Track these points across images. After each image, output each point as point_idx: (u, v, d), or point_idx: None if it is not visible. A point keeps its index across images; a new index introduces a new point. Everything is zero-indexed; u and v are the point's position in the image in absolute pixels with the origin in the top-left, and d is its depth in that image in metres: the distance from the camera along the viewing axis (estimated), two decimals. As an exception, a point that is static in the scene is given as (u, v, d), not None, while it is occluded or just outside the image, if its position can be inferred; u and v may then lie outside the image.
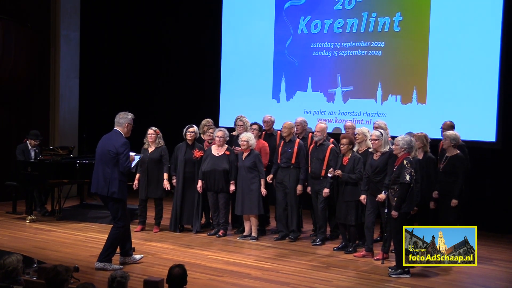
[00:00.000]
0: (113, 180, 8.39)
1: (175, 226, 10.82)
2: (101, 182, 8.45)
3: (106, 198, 8.50)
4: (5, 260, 5.99)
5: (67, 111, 14.52)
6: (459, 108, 11.48)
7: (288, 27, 13.36)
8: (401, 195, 8.42)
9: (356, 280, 8.32)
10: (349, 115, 12.55)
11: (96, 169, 8.61)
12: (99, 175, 8.49)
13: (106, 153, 8.43)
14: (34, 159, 11.86)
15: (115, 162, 8.38)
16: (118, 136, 8.50)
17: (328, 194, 9.89)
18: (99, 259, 8.48)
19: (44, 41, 14.31)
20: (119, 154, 8.35)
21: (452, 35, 11.66)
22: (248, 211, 10.31)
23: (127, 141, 8.50)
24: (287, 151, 10.26)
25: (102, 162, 8.49)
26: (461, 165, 9.24)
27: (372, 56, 12.42)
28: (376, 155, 9.23)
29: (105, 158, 8.44)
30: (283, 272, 8.58)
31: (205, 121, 11.27)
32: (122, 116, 8.62)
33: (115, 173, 8.39)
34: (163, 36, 15.40)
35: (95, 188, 8.59)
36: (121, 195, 8.44)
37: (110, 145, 8.43)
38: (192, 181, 10.72)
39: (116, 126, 8.59)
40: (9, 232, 10.72)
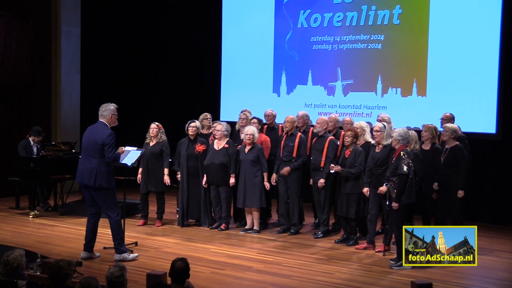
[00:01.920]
0: (100, 171, 8.50)
1: (183, 221, 10.87)
2: (87, 173, 8.55)
3: (92, 188, 8.59)
4: (9, 257, 6.00)
5: (69, 107, 14.54)
6: (459, 100, 11.51)
7: (288, 21, 13.38)
8: (400, 187, 8.46)
9: (358, 272, 8.36)
10: (349, 108, 12.58)
11: (82, 160, 8.72)
12: (86, 166, 8.58)
13: (93, 144, 8.53)
14: (36, 154, 11.91)
15: (101, 153, 8.48)
16: (103, 127, 8.59)
17: (323, 185, 9.91)
18: (116, 251, 8.69)
19: (45, 38, 14.33)
20: (105, 145, 8.45)
21: (452, 28, 11.67)
22: (250, 204, 10.35)
23: (113, 132, 8.60)
24: (289, 144, 10.29)
25: (88, 153, 8.59)
26: (462, 155, 9.25)
27: (372, 49, 12.45)
28: (378, 147, 9.26)
29: (92, 149, 8.54)
30: (285, 265, 8.62)
31: (202, 115, 11.33)
32: (104, 108, 8.72)
33: (102, 164, 8.50)
34: (163, 31, 15.41)
35: (80, 178, 8.69)
36: (108, 185, 8.57)
37: (96, 136, 8.53)
38: (196, 176, 10.75)
39: (100, 118, 8.69)
40: (13, 227, 10.77)
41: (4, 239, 9.76)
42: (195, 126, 10.74)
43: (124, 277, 5.68)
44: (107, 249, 9.13)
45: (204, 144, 10.72)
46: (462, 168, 9.22)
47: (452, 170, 9.23)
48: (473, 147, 10.24)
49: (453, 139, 9.33)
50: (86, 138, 8.69)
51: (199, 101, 14.49)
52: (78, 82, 14.74)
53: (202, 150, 10.64)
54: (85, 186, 8.69)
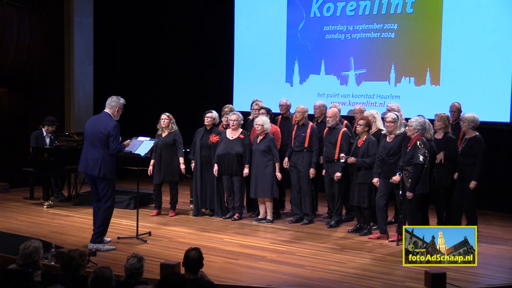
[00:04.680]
0: (104, 161, 8.54)
1: (197, 211, 10.90)
2: (90, 162, 8.59)
3: (96, 178, 8.63)
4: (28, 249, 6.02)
5: (82, 97, 14.59)
6: (472, 89, 11.45)
7: (301, 11, 13.34)
8: (415, 176, 8.45)
9: (371, 262, 8.36)
10: (362, 97, 12.55)
11: (85, 149, 8.76)
12: (89, 156, 8.63)
13: (97, 134, 8.56)
14: (49, 145, 11.96)
15: (105, 144, 8.51)
16: (108, 118, 8.63)
17: (339, 178, 9.91)
18: (92, 240, 8.71)
19: (58, 28, 14.38)
20: (111, 136, 8.48)
21: (465, 16, 11.60)
22: (262, 195, 10.36)
23: (118, 124, 8.64)
24: (300, 135, 10.29)
25: (91, 143, 8.62)
26: (479, 147, 9.18)
27: (385, 38, 12.39)
28: (390, 137, 9.23)
29: (96, 139, 8.58)
30: (298, 255, 8.64)
31: (224, 106, 11.34)
32: (114, 99, 8.76)
33: (106, 154, 8.54)
34: (176, 21, 15.41)
35: (83, 168, 8.73)
36: (111, 175, 8.62)
37: (101, 127, 8.56)
38: (209, 165, 10.76)
39: (106, 108, 8.73)
40: (27, 217, 10.84)
41: (18, 229, 9.83)
42: (211, 117, 10.74)
43: (143, 267, 5.77)
44: (121, 239, 9.18)
45: (219, 135, 10.71)
46: (478, 159, 9.16)
47: (468, 160, 9.17)
48: (487, 136, 10.16)
49: (472, 130, 9.24)
50: (90, 127, 8.71)
51: (212, 92, 14.50)
52: (91, 72, 14.77)
53: (216, 141, 10.65)
54: (89, 176, 8.74)
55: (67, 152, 11.68)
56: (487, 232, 9.97)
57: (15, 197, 12.58)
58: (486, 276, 7.82)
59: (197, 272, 5.81)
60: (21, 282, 5.85)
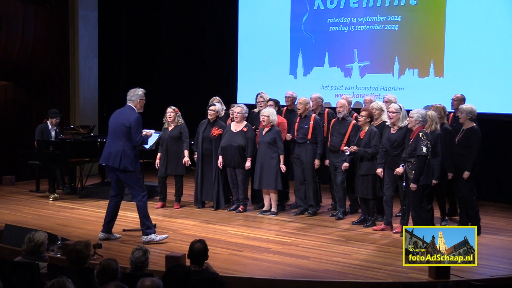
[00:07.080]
0: (126, 153, 8.56)
1: (197, 202, 10.96)
2: (112, 154, 8.62)
3: (117, 170, 8.66)
4: (34, 235, 6.16)
5: (87, 90, 14.62)
6: (476, 81, 11.45)
7: (305, 3, 13.35)
8: (418, 168, 8.47)
9: (375, 253, 8.40)
10: (366, 89, 12.56)
11: (108, 142, 8.79)
12: (112, 148, 8.65)
13: (120, 126, 8.58)
14: (54, 138, 12.00)
15: (127, 136, 8.54)
16: (131, 111, 8.65)
17: (347, 168, 9.94)
18: (143, 233, 8.73)
19: (63, 22, 14.39)
20: (132, 128, 8.51)
21: (469, 8, 11.59)
22: (266, 186, 10.39)
23: (140, 116, 8.66)
24: (303, 126, 10.31)
25: (115, 136, 8.65)
26: (476, 138, 9.17)
27: (389, 30, 12.40)
28: (394, 129, 9.24)
29: (118, 132, 8.60)
30: (302, 246, 8.68)
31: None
32: (133, 93, 8.75)
33: (127, 146, 8.56)
34: (180, 14, 15.41)
35: (105, 160, 8.76)
36: (133, 167, 8.63)
37: (124, 119, 8.58)
38: (210, 158, 10.79)
39: (128, 102, 8.74)
40: (33, 210, 10.90)
41: (25, 221, 9.86)
42: (214, 110, 10.77)
43: (148, 260, 5.85)
44: (127, 231, 9.23)
45: (221, 128, 10.74)
46: (473, 150, 9.15)
47: (466, 152, 9.16)
48: (491, 128, 10.20)
49: (469, 120, 9.23)
50: (113, 120, 8.75)
51: (216, 84, 14.51)
52: (96, 66, 14.79)
53: (218, 135, 10.67)
54: (110, 168, 8.78)
55: (73, 145, 11.71)
56: (490, 223, 9.97)
57: (21, 190, 12.64)
58: (490, 267, 7.83)
59: (202, 264, 5.84)
60: (28, 274, 5.91)
